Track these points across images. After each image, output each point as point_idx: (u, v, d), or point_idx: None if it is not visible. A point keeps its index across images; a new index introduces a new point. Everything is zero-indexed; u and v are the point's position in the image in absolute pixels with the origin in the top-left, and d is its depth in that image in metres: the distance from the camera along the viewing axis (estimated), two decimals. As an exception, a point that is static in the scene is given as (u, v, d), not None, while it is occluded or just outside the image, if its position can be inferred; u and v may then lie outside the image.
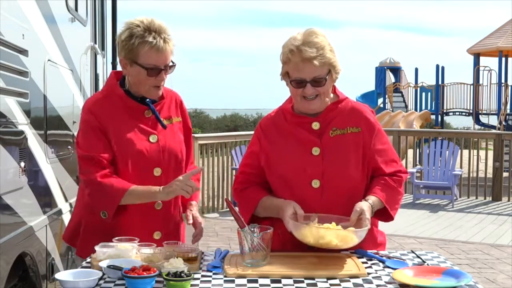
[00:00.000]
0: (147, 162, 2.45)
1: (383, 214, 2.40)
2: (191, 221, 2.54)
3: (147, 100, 2.48)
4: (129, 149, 2.43)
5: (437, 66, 18.79)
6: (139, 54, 2.37)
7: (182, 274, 1.88)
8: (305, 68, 2.29)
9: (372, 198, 2.33)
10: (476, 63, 18.13)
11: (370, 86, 21.47)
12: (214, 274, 2.08)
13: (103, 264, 2.05)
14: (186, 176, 2.36)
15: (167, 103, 2.56)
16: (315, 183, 2.35)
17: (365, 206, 2.26)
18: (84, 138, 2.45)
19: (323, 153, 2.37)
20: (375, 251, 2.38)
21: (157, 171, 2.47)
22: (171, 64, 2.44)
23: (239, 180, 2.54)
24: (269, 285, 1.95)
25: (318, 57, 2.28)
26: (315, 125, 2.39)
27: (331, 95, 2.44)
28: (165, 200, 2.45)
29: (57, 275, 1.95)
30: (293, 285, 1.95)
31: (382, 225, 2.56)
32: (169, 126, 2.53)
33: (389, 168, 2.43)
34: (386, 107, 19.91)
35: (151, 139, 2.47)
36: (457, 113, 19.09)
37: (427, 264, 2.22)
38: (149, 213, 2.48)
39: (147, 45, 2.36)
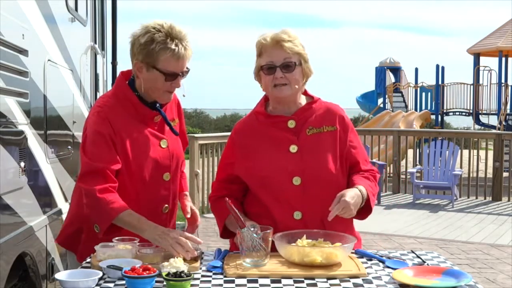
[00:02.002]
0: (160, 168, 2.46)
1: (361, 210, 2.38)
2: (189, 215, 2.55)
3: (157, 105, 2.47)
4: (144, 156, 2.42)
5: (437, 66, 18.79)
6: (159, 60, 2.34)
7: (182, 274, 1.88)
8: (275, 51, 2.36)
9: (359, 187, 2.35)
10: (476, 63, 18.12)
11: (370, 86, 21.47)
12: (214, 274, 2.08)
13: (103, 264, 2.05)
14: (187, 240, 2.18)
15: (169, 105, 2.56)
16: (296, 180, 2.37)
17: (351, 191, 2.28)
18: (93, 146, 2.37)
19: (301, 150, 2.39)
20: (375, 251, 2.38)
21: (166, 176, 2.49)
22: (186, 69, 2.43)
23: (214, 188, 2.57)
24: (269, 285, 1.95)
25: (289, 41, 2.36)
26: (291, 123, 2.42)
27: (304, 97, 2.50)
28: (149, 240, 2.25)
29: (57, 275, 1.95)
30: (293, 285, 1.95)
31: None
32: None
33: (364, 166, 2.50)
34: (386, 107, 19.91)
35: (162, 145, 2.48)
36: (457, 113, 19.08)
37: (427, 264, 2.22)
38: (157, 218, 2.44)
39: (169, 52, 2.33)
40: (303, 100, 2.49)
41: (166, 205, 2.52)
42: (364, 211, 2.40)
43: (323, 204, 2.32)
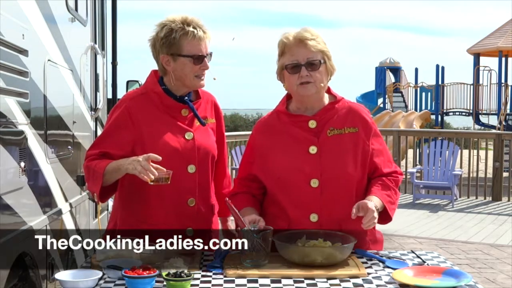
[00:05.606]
0: (181, 158, 2.47)
1: (381, 216, 2.38)
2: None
3: (186, 98, 2.51)
4: (164, 145, 2.44)
5: (437, 66, 18.78)
6: (182, 46, 2.43)
7: (182, 274, 1.88)
8: (300, 50, 2.34)
9: (374, 199, 2.32)
10: (476, 63, 18.12)
11: (370, 86, 21.47)
12: (214, 274, 2.08)
13: (103, 264, 2.05)
14: (147, 162, 2.25)
15: (203, 103, 2.60)
16: (314, 183, 2.35)
17: (371, 205, 2.25)
18: (108, 130, 2.50)
19: (320, 151, 2.37)
20: (375, 251, 2.38)
21: (191, 168, 2.49)
22: (210, 52, 2.49)
23: (235, 184, 2.57)
24: (269, 285, 1.95)
25: (313, 39, 2.35)
26: (312, 124, 2.40)
27: (327, 95, 2.45)
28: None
29: (57, 275, 1.95)
30: (293, 285, 1.95)
31: (381, 225, 2.56)
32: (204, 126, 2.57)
33: (386, 169, 2.46)
34: (386, 107, 19.90)
35: (186, 136, 2.49)
36: (457, 113, 19.08)
37: (427, 264, 2.22)
38: (182, 210, 2.49)
39: (189, 35, 2.42)
40: (326, 99, 2.46)
41: (192, 198, 2.50)
42: (382, 218, 2.38)
43: (341, 207, 2.31)
